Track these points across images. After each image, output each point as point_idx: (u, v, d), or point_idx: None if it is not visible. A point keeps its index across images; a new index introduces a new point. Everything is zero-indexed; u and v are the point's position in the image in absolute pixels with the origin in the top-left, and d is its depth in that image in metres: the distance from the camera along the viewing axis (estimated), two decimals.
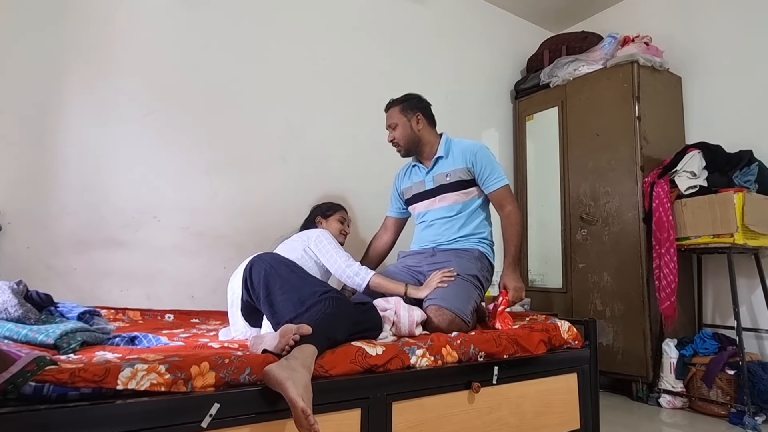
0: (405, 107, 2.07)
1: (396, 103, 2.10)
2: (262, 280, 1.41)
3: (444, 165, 2.05)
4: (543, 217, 3.30)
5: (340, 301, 1.36)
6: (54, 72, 2.02)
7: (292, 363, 1.07)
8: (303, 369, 1.07)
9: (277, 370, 1.04)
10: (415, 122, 2.06)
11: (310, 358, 1.13)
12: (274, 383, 1.03)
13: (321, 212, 2.18)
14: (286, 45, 2.63)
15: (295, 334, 1.14)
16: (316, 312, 1.27)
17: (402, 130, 2.06)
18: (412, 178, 2.17)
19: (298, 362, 1.08)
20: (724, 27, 2.95)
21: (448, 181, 2.01)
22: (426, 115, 2.09)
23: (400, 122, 2.06)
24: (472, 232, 1.99)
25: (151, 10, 2.26)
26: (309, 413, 0.98)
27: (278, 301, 1.37)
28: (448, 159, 2.04)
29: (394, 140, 2.09)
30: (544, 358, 1.66)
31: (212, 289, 2.25)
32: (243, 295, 1.49)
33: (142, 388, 0.94)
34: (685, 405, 2.51)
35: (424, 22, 3.21)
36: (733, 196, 2.38)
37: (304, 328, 1.16)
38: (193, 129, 2.31)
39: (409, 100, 2.10)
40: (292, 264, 1.51)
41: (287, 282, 1.39)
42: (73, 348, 1.15)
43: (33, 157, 1.96)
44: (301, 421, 0.99)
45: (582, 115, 3.08)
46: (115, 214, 2.10)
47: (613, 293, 2.81)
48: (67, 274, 1.97)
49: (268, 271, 1.42)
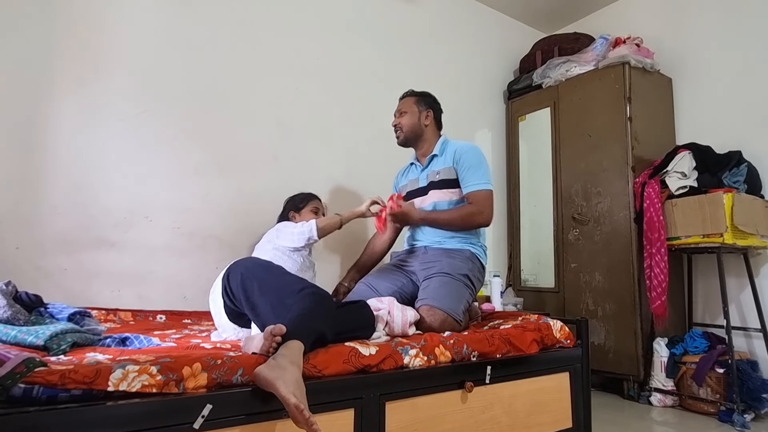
0: (420, 100, 2.14)
1: (413, 94, 2.18)
2: (239, 285, 1.40)
3: (437, 163, 2.07)
4: (535, 218, 3.32)
5: (318, 296, 1.36)
6: (43, 71, 2.00)
7: (281, 361, 1.07)
8: (292, 366, 1.07)
9: (266, 370, 1.03)
10: (424, 116, 2.12)
11: (297, 353, 1.12)
12: (264, 384, 1.03)
13: (293, 206, 2.19)
14: (278, 44, 2.62)
15: (275, 336, 1.13)
16: (297, 309, 1.26)
17: (410, 119, 2.10)
18: (408, 176, 2.21)
19: (286, 360, 1.08)
20: (714, 29, 2.99)
21: (437, 179, 2.03)
22: (436, 115, 2.16)
23: (411, 111, 2.11)
24: (463, 235, 1.98)
25: (141, 9, 2.24)
26: (303, 408, 0.98)
27: (258, 303, 1.35)
28: (441, 158, 2.07)
29: (398, 125, 2.13)
30: (537, 358, 1.66)
31: (204, 290, 2.21)
32: (225, 301, 1.48)
33: (133, 389, 0.93)
34: (675, 403, 2.53)
35: (417, 22, 3.21)
36: (722, 196, 2.40)
37: (278, 328, 1.14)
38: (184, 128, 2.30)
39: (427, 96, 2.17)
40: (268, 264, 1.49)
41: (264, 283, 1.37)
42: (63, 349, 1.14)
43: (22, 156, 1.94)
44: (297, 417, 0.99)
45: (574, 115, 3.10)
46: (106, 214, 2.08)
47: (604, 293, 2.83)
48: (57, 274, 1.95)
49: (245, 275, 1.41)
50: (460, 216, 1.93)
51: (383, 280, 1.95)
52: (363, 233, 2.70)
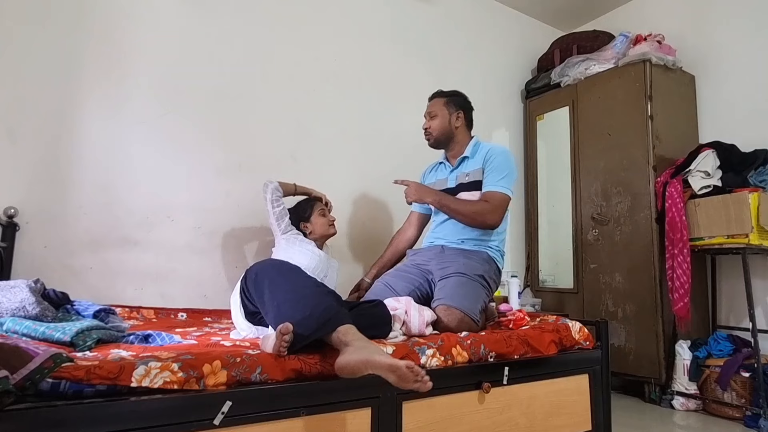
0: (450, 101, 2.11)
1: (443, 95, 2.14)
2: (253, 285, 1.43)
3: (467, 165, 2.06)
4: (554, 218, 3.28)
5: (330, 295, 1.39)
6: (70, 73, 2.06)
7: (355, 344, 1.10)
8: (365, 342, 1.11)
9: (349, 356, 1.07)
10: (454, 118, 2.10)
11: (356, 332, 1.17)
12: (356, 369, 1.05)
13: (300, 218, 2.16)
14: (296, 46, 2.64)
15: (283, 334, 1.13)
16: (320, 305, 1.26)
17: (440, 122, 2.08)
18: (436, 175, 2.20)
19: (357, 341, 1.11)
20: (737, 25, 2.91)
21: (467, 180, 2.02)
22: (467, 115, 2.13)
23: (441, 114, 2.09)
24: (481, 237, 1.97)
25: (165, 13, 2.28)
26: (412, 365, 1.01)
27: (268, 301, 1.36)
28: (472, 160, 2.05)
29: (429, 128, 2.11)
30: (555, 359, 1.65)
31: (224, 289, 2.27)
32: (244, 301, 1.51)
33: (155, 385, 0.95)
34: (698, 407, 2.48)
35: (434, 21, 3.20)
36: (748, 195, 2.34)
37: (285, 326, 1.13)
38: (205, 130, 2.34)
39: (457, 96, 2.14)
40: (281, 264, 1.50)
41: (274, 282, 1.38)
42: (88, 345, 1.17)
43: (49, 157, 1.99)
44: (409, 377, 1.01)
45: (593, 114, 3.06)
46: (129, 214, 2.13)
47: (625, 294, 2.78)
48: (82, 272, 2.01)
49: (259, 274, 1.43)
50: (470, 209, 1.92)
51: (400, 279, 1.95)
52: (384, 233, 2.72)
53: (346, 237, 2.66)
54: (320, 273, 1.98)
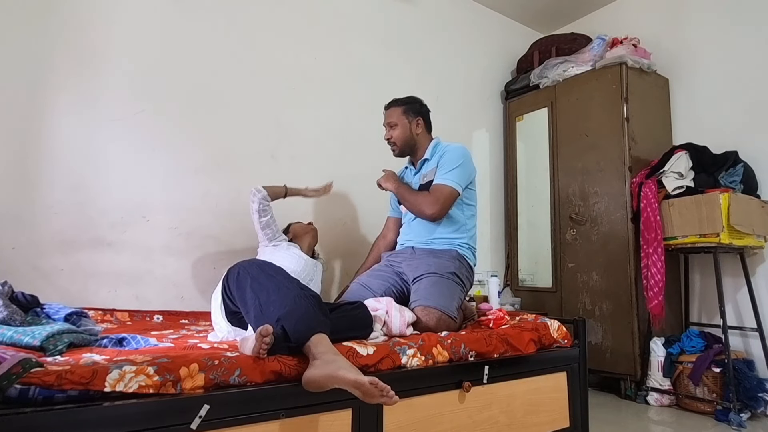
0: (408, 109, 2.10)
1: (399, 104, 2.13)
2: (235, 284, 1.41)
3: (427, 166, 2.09)
4: (533, 218, 3.32)
5: (312, 298, 1.36)
6: (40, 70, 1.99)
7: (324, 357, 1.09)
8: (335, 355, 1.10)
9: (317, 371, 1.05)
10: (414, 126, 2.10)
11: (329, 343, 1.16)
12: (323, 383, 1.04)
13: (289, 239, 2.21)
14: (276, 44, 2.61)
15: (264, 336, 1.11)
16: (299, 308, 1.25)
17: (401, 132, 2.09)
18: (404, 179, 2.20)
19: (327, 352, 1.10)
20: (710, 29, 3.00)
21: (424, 181, 2.05)
22: (425, 120, 2.14)
23: (401, 123, 2.09)
24: (449, 236, 1.99)
25: (140, 9, 2.23)
26: (376, 381, 1.01)
27: (248, 301, 1.34)
28: (431, 161, 2.08)
29: (391, 139, 2.11)
30: (534, 357, 1.67)
31: (202, 290, 2.23)
32: (225, 300, 1.48)
33: (130, 390, 0.93)
34: (672, 402, 2.54)
35: (414, 21, 3.21)
36: (719, 196, 2.41)
37: (265, 328, 1.11)
38: (182, 128, 2.29)
39: (413, 103, 2.13)
40: (263, 263, 1.48)
41: (256, 281, 1.37)
42: (59, 350, 1.13)
43: (18, 156, 1.93)
44: (374, 393, 1.01)
45: (571, 115, 3.11)
46: (103, 214, 2.07)
47: (601, 292, 2.83)
48: (53, 274, 1.95)
49: (242, 273, 1.41)
50: (413, 199, 1.98)
51: (375, 278, 1.97)
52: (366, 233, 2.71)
53: (327, 237, 2.65)
54: (306, 277, 1.97)
